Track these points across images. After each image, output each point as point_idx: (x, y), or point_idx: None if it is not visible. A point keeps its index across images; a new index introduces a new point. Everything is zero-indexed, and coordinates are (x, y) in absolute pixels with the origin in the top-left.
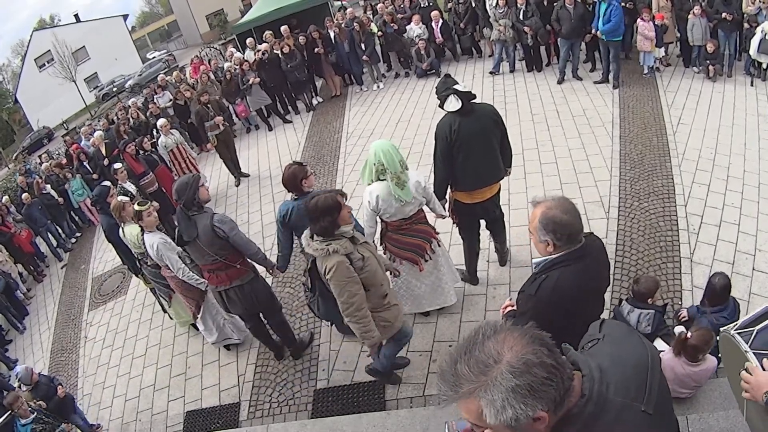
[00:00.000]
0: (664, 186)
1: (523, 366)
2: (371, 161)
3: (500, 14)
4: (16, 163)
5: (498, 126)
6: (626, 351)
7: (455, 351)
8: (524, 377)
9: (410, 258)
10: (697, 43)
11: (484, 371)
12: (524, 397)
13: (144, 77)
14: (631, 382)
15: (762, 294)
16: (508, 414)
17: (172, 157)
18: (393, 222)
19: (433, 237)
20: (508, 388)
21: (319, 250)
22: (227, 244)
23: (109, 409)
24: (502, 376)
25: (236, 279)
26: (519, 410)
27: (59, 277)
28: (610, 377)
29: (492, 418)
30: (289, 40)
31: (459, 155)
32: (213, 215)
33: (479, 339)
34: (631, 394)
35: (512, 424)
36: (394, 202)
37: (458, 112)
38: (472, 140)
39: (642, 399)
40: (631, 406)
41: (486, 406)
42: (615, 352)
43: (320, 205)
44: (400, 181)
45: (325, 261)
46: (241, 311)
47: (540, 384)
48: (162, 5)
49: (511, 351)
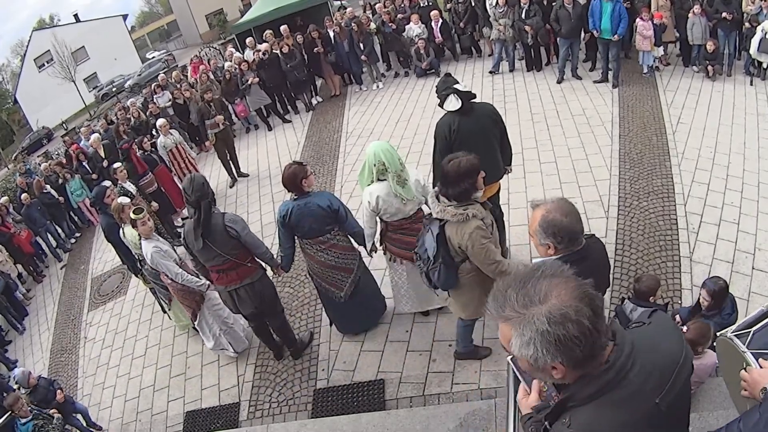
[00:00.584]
0: (663, 185)
1: (560, 317)
2: (370, 162)
3: (500, 14)
4: (15, 164)
5: (497, 125)
6: (664, 343)
7: (514, 277)
8: (556, 327)
9: (411, 258)
10: (696, 43)
11: (526, 306)
12: (549, 345)
13: (143, 77)
14: (657, 372)
15: (761, 293)
16: (530, 351)
17: (171, 158)
18: (393, 222)
19: None
20: (539, 330)
21: (458, 215)
22: (239, 243)
23: (109, 410)
24: (538, 318)
25: (247, 277)
26: (539, 353)
27: (59, 278)
28: (639, 358)
29: (516, 348)
30: (288, 40)
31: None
32: (224, 215)
33: (537, 275)
34: (651, 383)
35: (530, 361)
36: (395, 201)
37: (458, 112)
38: (472, 139)
39: (660, 392)
40: (647, 394)
41: (515, 337)
42: (654, 339)
43: (462, 167)
44: (401, 178)
45: (463, 227)
46: (251, 310)
47: (568, 340)
48: (161, 5)
49: (557, 298)
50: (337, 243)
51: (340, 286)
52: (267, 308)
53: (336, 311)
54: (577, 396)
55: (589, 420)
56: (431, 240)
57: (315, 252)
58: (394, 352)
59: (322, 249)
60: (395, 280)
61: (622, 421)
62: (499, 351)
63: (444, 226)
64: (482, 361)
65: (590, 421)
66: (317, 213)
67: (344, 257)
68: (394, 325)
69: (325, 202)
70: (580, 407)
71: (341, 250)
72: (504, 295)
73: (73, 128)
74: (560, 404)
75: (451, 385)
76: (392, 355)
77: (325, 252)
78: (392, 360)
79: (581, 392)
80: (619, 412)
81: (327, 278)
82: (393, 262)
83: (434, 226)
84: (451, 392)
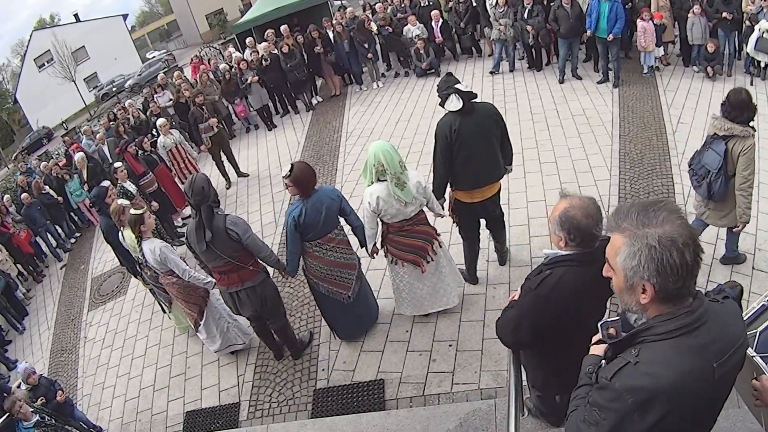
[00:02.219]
0: (663, 185)
1: (669, 242)
2: (370, 162)
3: (500, 13)
4: (15, 163)
5: (498, 125)
6: (731, 321)
7: (639, 201)
8: (663, 249)
9: (412, 260)
10: (696, 43)
11: (644, 224)
12: (651, 261)
13: (143, 77)
14: (721, 340)
15: (762, 293)
16: (633, 262)
17: (171, 157)
18: (394, 223)
19: (434, 238)
20: (649, 245)
21: (744, 131)
22: (240, 245)
23: (109, 409)
24: (651, 236)
25: (248, 281)
26: (640, 267)
27: (59, 278)
28: (710, 320)
29: (621, 258)
30: (289, 40)
31: (459, 155)
32: (226, 217)
33: (660, 205)
34: (716, 346)
35: (629, 274)
36: (394, 202)
37: (459, 112)
38: (473, 140)
39: (719, 358)
40: (710, 353)
41: (625, 245)
42: (722, 315)
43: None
44: (400, 181)
45: (745, 141)
46: (251, 312)
47: (668, 264)
48: (162, 5)
49: (671, 226)
50: (342, 238)
51: (347, 285)
52: (268, 312)
53: (338, 315)
54: (654, 330)
55: (659, 356)
56: (715, 155)
57: (324, 252)
58: (394, 352)
59: (330, 247)
60: (396, 283)
61: (687, 368)
62: (499, 351)
63: (728, 142)
64: (482, 361)
65: (659, 357)
66: (331, 206)
67: (348, 252)
68: (394, 325)
69: (334, 194)
70: (652, 342)
71: (345, 245)
72: (626, 212)
73: (73, 128)
74: (633, 336)
75: (451, 385)
76: (392, 355)
77: (333, 250)
78: (392, 360)
79: (660, 327)
80: (686, 357)
81: (334, 279)
82: (394, 264)
83: (718, 144)
84: (451, 392)
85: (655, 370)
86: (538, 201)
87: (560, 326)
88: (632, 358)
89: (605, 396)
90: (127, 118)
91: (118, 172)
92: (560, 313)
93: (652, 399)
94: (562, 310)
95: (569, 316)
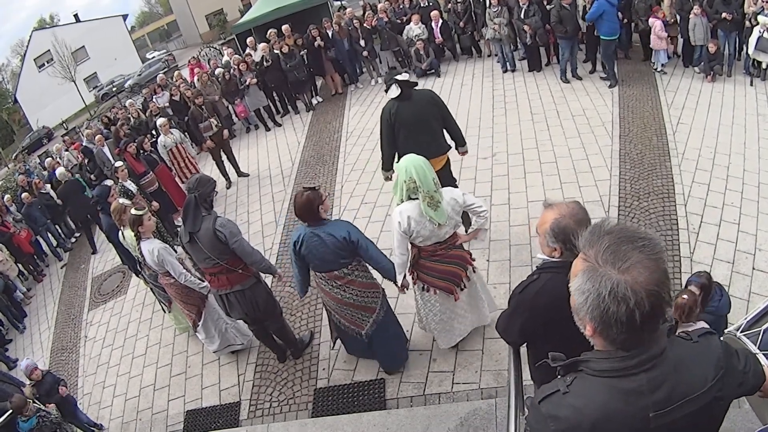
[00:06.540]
0: (663, 185)
1: (621, 297)
2: (401, 178)
3: (494, 13)
4: (15, 163)
5: (437, 108)
6: (694, 367)
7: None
8: (611, 301)
9: (445, 288)
10: (699, 43)
11: (607, 261)
12: (596, 308)
13: (143, 77)
14: (669, 389)
15: (762, 293)
16: (580, 299)
17: (171, 157)
18: (427, 247)
19: (469, 263)
20: (598, 292)
21: None
22: (228, 248)
23: (110, 409)
24: (605, 281)
25: (237, 284)
26: (585, 306)
27: (59, 277)
28: (662, 366)
29: (573, 286)
30: (289, 40)
31: (399, 134)
32: (217, 218)
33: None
34: (657, 396)
35: (576, 306)
36: (428, 223)
37: (398, 98)
38: (410, 121)
39: (659, 409)
40: (647, 403)
41: (579, 276)
42: (687, 359)
43: None
44: (434, 200)
45: None
46: (241, 316)
47: (612, 318)
48: (161, 5)
49: (636, 275)
50: (355, 279)
51: (361, 325)
52: (262, 315)
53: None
54: (589, 364)
55: (588, 391)
56: None
57: (330, 288)
58: None
59: (338, 285)
60: (424, 312)
61: (613, 409)
62: (499, 351)
63: None
64: (483, 360)
65: (588, 392)
66: (330, 244)
67: (364, 295)
68: None
69: (341, 233)
70: (587, 376)
71: (361, 287)
72: (600, 237)
73: (73, 128)
74: (574, 363)
75: (451, 384)
76: None
77: (341, 289)
78: None
79: (594, 364)
80: (615, 399)
81: (345, 315)
82: (426, 291)
83: None
84: (451, 392)
85: (581, 403)
86: (539, 201)
87: (548, 329)
88: (563, 387)
89: (533, 416)
90: (127, 117)
91: (118, 171)
92: (544, 319)
93: (573, 430)
94: (545, 316)
95: (554, 322)
